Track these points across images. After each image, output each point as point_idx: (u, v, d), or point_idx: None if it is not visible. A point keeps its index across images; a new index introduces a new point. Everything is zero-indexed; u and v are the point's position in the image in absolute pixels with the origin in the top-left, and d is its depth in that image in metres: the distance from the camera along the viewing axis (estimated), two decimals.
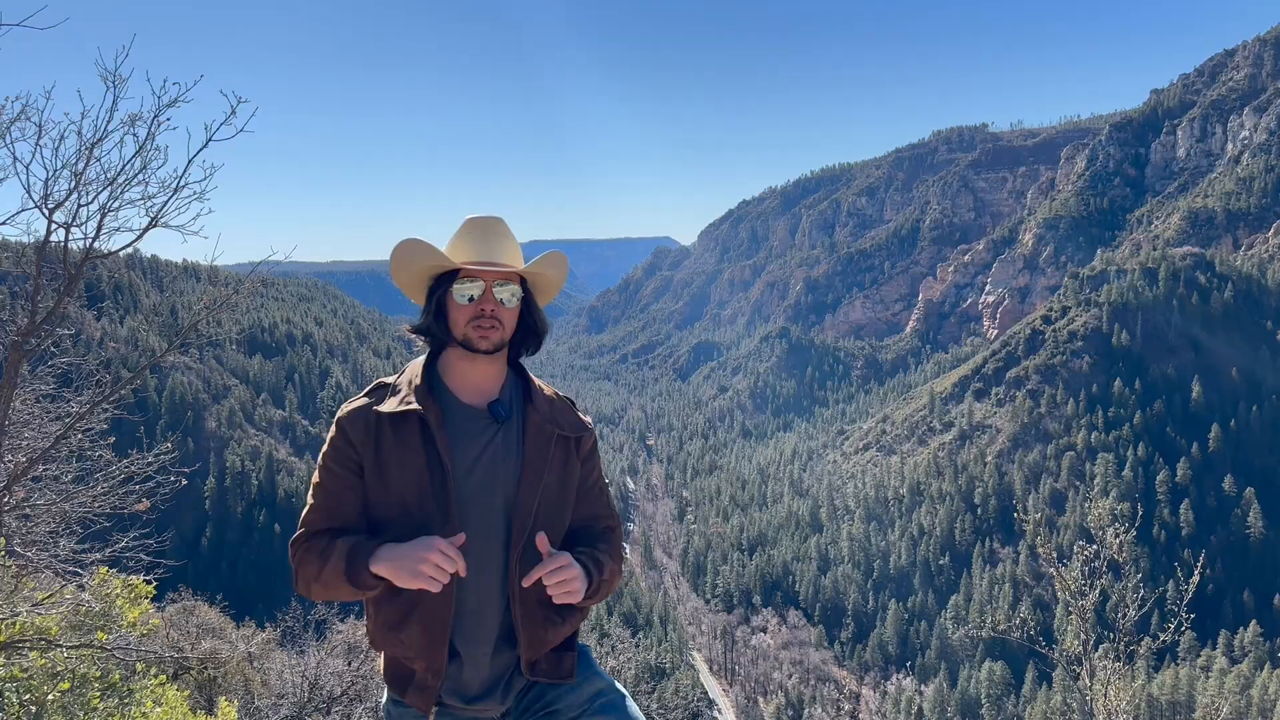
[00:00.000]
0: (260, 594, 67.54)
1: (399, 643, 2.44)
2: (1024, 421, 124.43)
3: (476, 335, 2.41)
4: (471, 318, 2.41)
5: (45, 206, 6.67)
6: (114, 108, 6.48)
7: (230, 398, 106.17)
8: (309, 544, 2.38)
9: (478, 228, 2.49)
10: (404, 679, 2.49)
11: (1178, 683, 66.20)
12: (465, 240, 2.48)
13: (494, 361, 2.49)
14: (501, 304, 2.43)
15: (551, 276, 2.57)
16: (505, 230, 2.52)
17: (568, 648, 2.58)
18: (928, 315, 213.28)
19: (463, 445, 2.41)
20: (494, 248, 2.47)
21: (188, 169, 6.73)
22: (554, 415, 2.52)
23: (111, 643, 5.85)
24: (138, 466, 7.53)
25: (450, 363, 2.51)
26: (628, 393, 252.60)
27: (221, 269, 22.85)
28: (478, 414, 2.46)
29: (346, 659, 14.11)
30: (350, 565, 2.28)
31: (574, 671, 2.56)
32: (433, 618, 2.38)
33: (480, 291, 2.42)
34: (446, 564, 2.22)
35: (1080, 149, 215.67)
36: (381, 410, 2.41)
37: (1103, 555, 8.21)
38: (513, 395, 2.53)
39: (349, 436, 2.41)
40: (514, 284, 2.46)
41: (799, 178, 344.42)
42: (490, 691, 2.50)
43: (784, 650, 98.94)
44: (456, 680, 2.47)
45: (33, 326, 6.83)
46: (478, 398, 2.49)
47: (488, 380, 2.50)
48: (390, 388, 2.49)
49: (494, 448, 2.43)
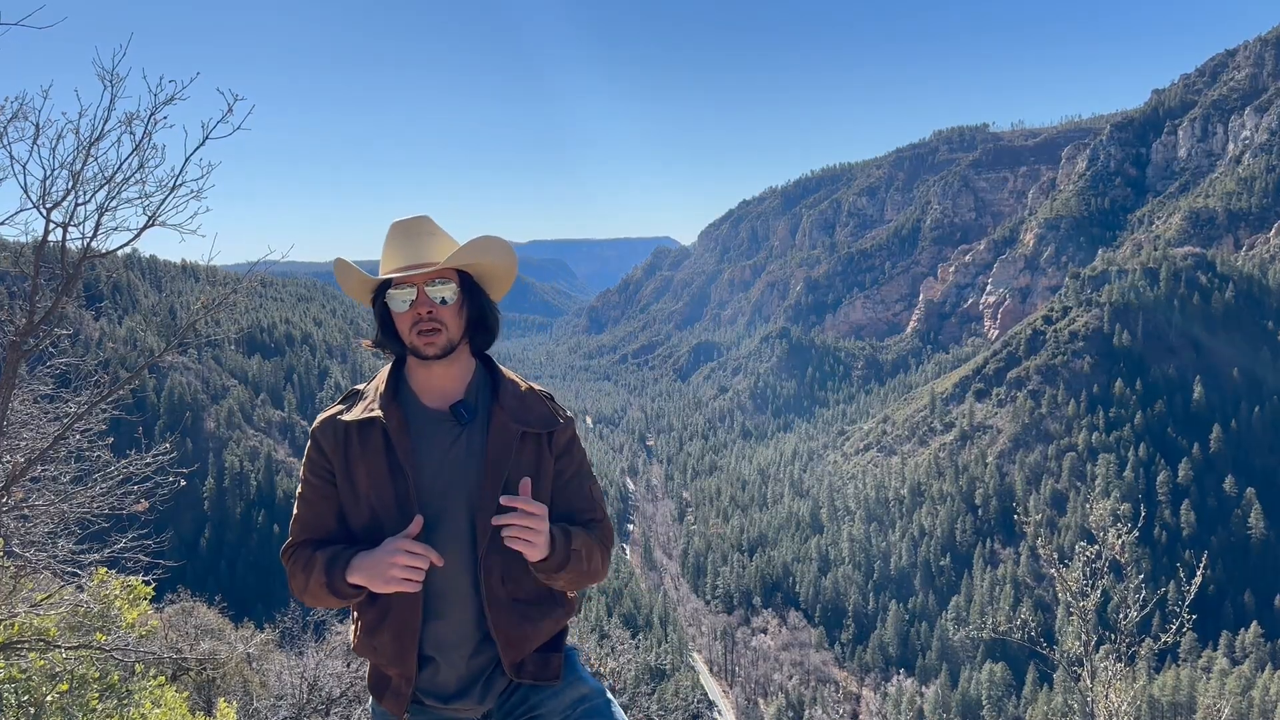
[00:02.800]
0: (259, 595, 67.54)
1: (373, 649, 2.46)
2: (1025, 422, 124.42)
3: (421, 342, 2.37)
4: (412, 324, 2.37)
5: (43, 206, 6.65)
6: (111, 107, 6.44)
7: (229, 398, 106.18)
8: (294, 555, 2.44)
9: (400, 231, 2.44)
10: (381, 685, 2.51)
11: (1179, 684, 66.17)
12: (391, 247, 2.44)
13: (452, 362, 2.44)
14: (442, 304, 2.37)
15: (488, 264, 2.46)
16: (431, 228, 2.45)
17: (554, 648, 2.55)
18: (928, 315, 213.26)
19: (425, 449, 2.39)
20: (420, 248, 2.41)
21: (185, 167, 6.68)
22: (521, 412, 2.46)
23: (110, 644, 5.84)
24: (136, 467, 7.51)
25: (413, 367, 2.48)
26: (628, 393, 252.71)
27: (220, 269, 22.83)
28: (440, 417, 2.44)
29: (345, 660, 14.08)
30: (329, 577, 2.32)
31: (560, 673, 2.52)
32: (402, 625, 2.38)
33: (414, 296, 2.37)
34: (416, 561, 2.23)
35: (1081, 149, 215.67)
36: (347, 419, 2.42)
37: (1104, 556, 8.19)
38: (479, 394, 2.49)
39: (321, 446, 2.44)
40: (450, 281, 2.39)
41: (799, 177, 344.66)
42: (467, 690, 2.47)
43: (784, 651, 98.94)
44: (433, 681, 2.46)
45: (31, 326, 6.81)
46: (440, 400, 2.46)
47: (449, 381, 2.46)
48: (360, 395, 2.50)
49: (457, 449, 2.40)
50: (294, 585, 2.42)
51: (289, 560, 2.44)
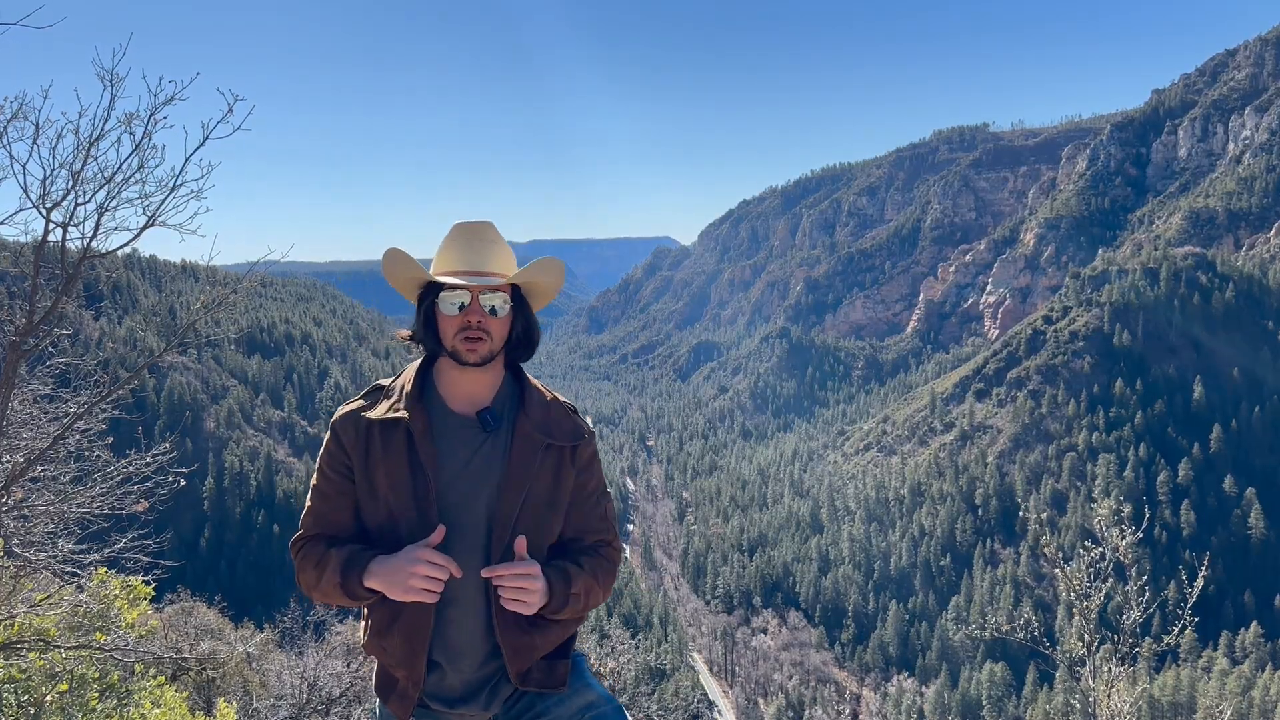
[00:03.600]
0: (259, 595, 67.61)
1: (383, 650, 2.44)
2: (1025, 422, 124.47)
3: (465, 348, 2.35)
4: (459, 329, 2.35)
5: (43, 206, 6.64)
6: (111, 107, 6.44)
7: (229, 398, 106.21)
8: (306, 549, 2.40)
9: (464, 235, 2.42)
10: (388, 685, 2.49)
11: (1179, 684, 66.22)
12: (452, 249, 2.41)
13: (486, 370, 2.42)
14: (492, 314, 2.36)
15: (543, 283, 2.48)
16: (494, 236, 2.44)
17: (561, 655, 2.52)
18: (928, 315, 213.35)
19: (448, 454, 2.37)
20: (482, 256, 2.39)
21: (185, 167, 6.67)
22: (546, 423, 2.45)
23: (110, 644, 5.84)
24: (136, 467, 7.51)
25: (443, 369, 2.46)
26: (627, 393, 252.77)
27: (219, 268, 22.75)
28: (466, 422, 2.42)
29: (345, 660, 14.08)
30: (345, 578, 2.30)
31: (566, 681, 2.50)
32: (413, 629, 2.36)
33: (467, 302, 2.35)
34: (437, 572, 2.21)
35: (1081, 149, 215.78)
36: (371, 416, 2.39)
37: (1108, 557, 8.18)
38: (506, 403, 2.47)
39: (341, 441, 2.41)
40: (504, 292, 2.39)
41: (799, 177, 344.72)
42: (473, 696, 2.46)
43: (784, 651, 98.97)
44: (439, 686, 2.46)
45: (30, 326, 6.81)
46: (468, 406, 2.43)
47: (479, 388, 2.44)
48: (385, 391, 2.46)
49: (480, 457, 2.39)
50: (303, 579, 2.39)
51: (299, 553, 2.41)
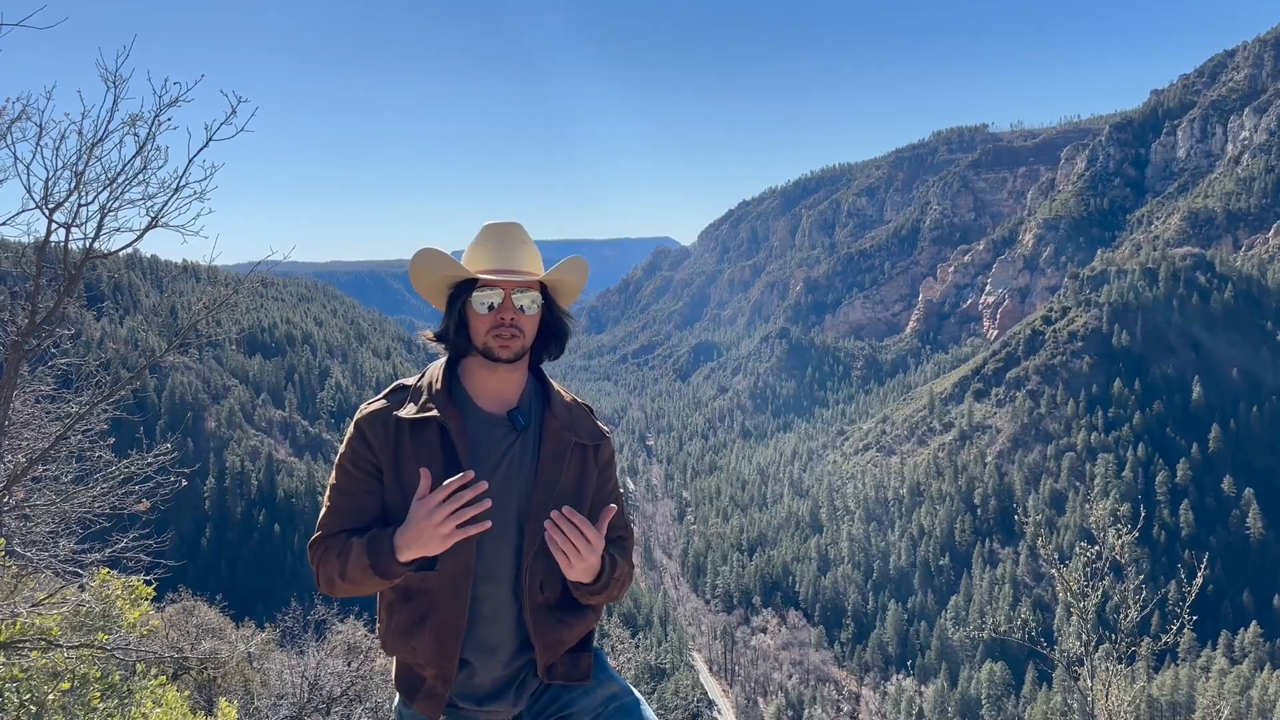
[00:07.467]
0: (260, 594, 67.64)
1: (410, 649, 2.42)
2: (1024, 422, 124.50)
3: (497, 344, 2.39)
4: (492, 326, 2.39)
5: (45, 206, 6.66)
6: (114, 108, 6.45)
7: (230, 398, 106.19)
8: (327, 544, 2.36)
9: (496, 235, 2.48)
10: (414, 685, 2.47)
11: (1178, 683, 66.21)
12: (484, 248, 2.47)
13: (514, 369, 2.47)
14: (521, 311, 2.42)
15: (572, 282, 2.56)
16: (524, 236, 2.51)
17: (584, 648, 2.57)
18: (928, 315, 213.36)
19: (481, 453, 2.39)
20: (513, 255, 2.46)
21: (188, 169, 6.70)
22: (572, 423, 2.51)
23: (112, 643, 5.85)
24: (137, 467, 7.52)
25: (471, 369, 2.49)
26: (628, 393, 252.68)
27: (221, 269, 22.77)
28: (497, 421, 2.45)
29: (346, 659, 14.11)
30: (374, 559, 2.25)
31: (590, 673, 2.55)
32: (445, 626, 2.37)
33: (500, 300, 2.40)
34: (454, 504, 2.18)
35: (1080, 149, 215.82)
36: (402, 415, 2.39)
37: (1104, 556, 8.21)
38: (532, 402, 2.52)
39: (368, 439, 2.39)
40: (534, 291, 2.45)
41: (799, 178, 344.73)
42: (502, 693, 2.48)
43: (784, 651, 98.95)
44: (468, 684, 2.46)
45: (33, 327, 6.82)
46: (497, 405, 2.47)
47: (508, 387, 2.48)
48: (410, 391, 2.47)
49: (511, 455, 2.42)
50: (323, 573, 2.34)
51: (320, 549, 2.36)
